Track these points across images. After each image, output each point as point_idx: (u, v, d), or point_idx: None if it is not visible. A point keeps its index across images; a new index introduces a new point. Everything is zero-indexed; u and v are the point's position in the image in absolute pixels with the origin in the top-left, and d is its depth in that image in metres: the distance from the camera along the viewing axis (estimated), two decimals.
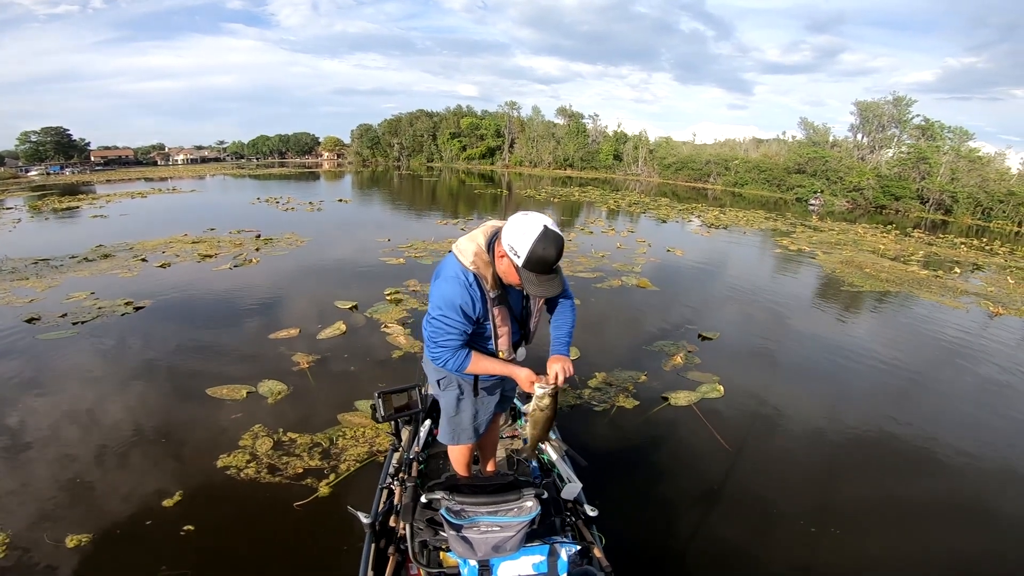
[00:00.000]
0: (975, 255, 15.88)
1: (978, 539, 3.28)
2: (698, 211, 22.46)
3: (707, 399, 4.74)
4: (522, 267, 1.73)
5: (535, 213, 1.77)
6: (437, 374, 2.19)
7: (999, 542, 3.27)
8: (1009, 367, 6.16)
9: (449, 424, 2.28)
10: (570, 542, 1.95)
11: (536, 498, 1.91)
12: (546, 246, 1.69)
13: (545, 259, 1.70)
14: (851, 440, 4.31)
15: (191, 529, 2.92)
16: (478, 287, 1.89)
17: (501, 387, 2.31)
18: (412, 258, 9.95)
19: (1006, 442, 4.45)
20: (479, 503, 1.88)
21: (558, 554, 1.87)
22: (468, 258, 1.88)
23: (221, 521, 3.03)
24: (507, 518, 1.84)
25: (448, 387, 2.20)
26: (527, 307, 2.10)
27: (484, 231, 1.93)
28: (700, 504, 3.39)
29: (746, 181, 41.51)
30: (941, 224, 27.87)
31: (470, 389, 2.19)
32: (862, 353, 6.30)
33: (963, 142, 36.07)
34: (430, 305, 1.94)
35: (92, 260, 9.22)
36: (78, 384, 4.66)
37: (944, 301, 9.15)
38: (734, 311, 7.86)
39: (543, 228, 1.70)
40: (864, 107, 41.26)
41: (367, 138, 69.92)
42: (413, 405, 2.68)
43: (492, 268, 1.88)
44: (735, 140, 54.32)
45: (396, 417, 2.67)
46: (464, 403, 2.21)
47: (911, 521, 3.40)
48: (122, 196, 22.39)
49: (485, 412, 2.28)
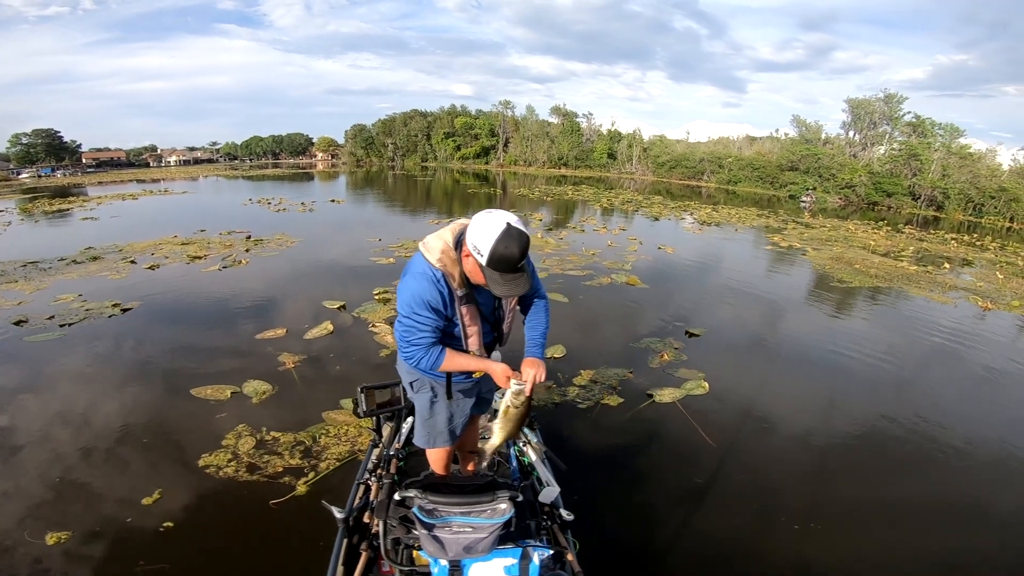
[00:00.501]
0: (965, 251, 15.99)
1: (969, 535, 3.27)
2: (691, 209, 22.53)
3: (692, 396, 4.76)
4: (486, 266, 1.69)
5: (499, 211, 1.73)
6: (410, 376, 2.16)
7: (990, 538, 3.26)
8: (998, 363, 6.21)
9: (424, 427, 2.24)
10: (544, 546, 1.94)
11: (511, 500, 1.89)
12: (508, 244, 1.65)
13: (508, 257, 1.67)
14: (838, 436, 4.33)
15: (170, 526, 2.92)
16: (446, 284, 1.85)
17: (478, 389, 2.26)
18: (402, 258, 9.94)
19: (997, 436, 4.46)
20: (452, 503, 1.86)
21: (530, 558, 1.87)
22: (435, 255, 1.84)
23: (199, 519, 3.03)
24: (480, 519, 1.83)
25: (421, 390, 2.16)
26: (499, 308, 2.05)
27: (452, 229, 1.89)
28: (680, 504, 3.36)
29: (740, 179, 41.64)
30: (933, 220, 28.04)
31: (443, 391, 2.13)
32: (849, 348, 6.33)
33: (954, 139, 36.33)
34: (399, 303, 1.91)
35: (81, 262, 9.19)
36: (63, 385, 4.65)
37: (933, 297, 9.22)
38: (722, 308, 7.89)
39: (506, 226, 1.66)
40: (856, 104, 41.47)
41: (361, 138, 69.71)
42: (396, 402, 2.65)
43: (459, 266, 1.85)
44: (729, 138, 54.56)
45: (378, 413, 2.65)
46: (438, 406, 2.17)
47: (900, 517, 3.39)
48: (113, 198, 22.28)
49: (461, 415, 2.24)
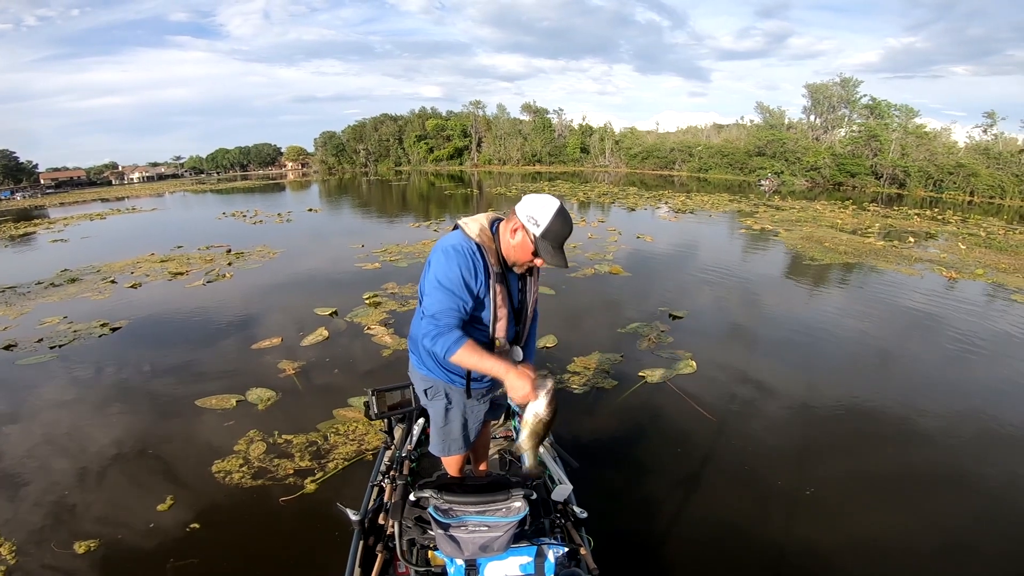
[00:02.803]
0: (928, 225, 16.70)
1: (957, 502, 3.35)
2: (665, 198, 23.02)
3: (681, 375, 4.99)
4: (540, 236, 1.80)
5: (548, 195, 1.87)
6: (424, 383, 2.15)
7: (977, 504, 3.33)
8: (966, 328, 6.52)
9: (439, 435, 2.22)
10: (558, 544, 1.96)
11: (525, 499, 1.90)
12: (564, 219, 1.81)
13: (562, 231, 1.81)
14: (823, 407, 4.54)
15: (196, 527, 3.01)
16: (482, 258, 1.87)
17: (492, 393, 2.23)
18: (388, 262, 10.02)
19: (974, 403, 4.59)
20: (467, 502, 1.87)
21: (545, 556, 1.89)
22: (474, 231, 1.90)
23: (220, 519, 3.12)
24: (495, 518, 1.84)
25: (435, 397, 2.14)
26: (523, 298, 2.07)
27: (486, 216, 1.99)
28: (690, 488, 3.41)
29: (710, 166, 42.52)
30: (896, 197, 29.12)
31: (457, 397, 2.12)
32: (825, 322, 6.68)
33: (910, 119, 37.62)
34: (428, 280, 1.91)
35: (59, 285, 9.03)
36: (62, 405, 4.64)
37: (901, 269, 9.68)
38: (702, 291, 8.18)
39: (560, 204, 1.83)
40: (814, 89, 42.65)
41: (331, 145, 68.90)
42: (406, 403, 2.68)
43: (495, 246, 1.91)
44: (697, 127, 55.77)
45: (389, 415, 2.68)
46: (453, 413, 2.14)
47: (879, 481, 3.61)
48: (80, 219, 21.72)
49: (475, 421, 2.22)
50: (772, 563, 2.86)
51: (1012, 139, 34.49)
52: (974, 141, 35.89)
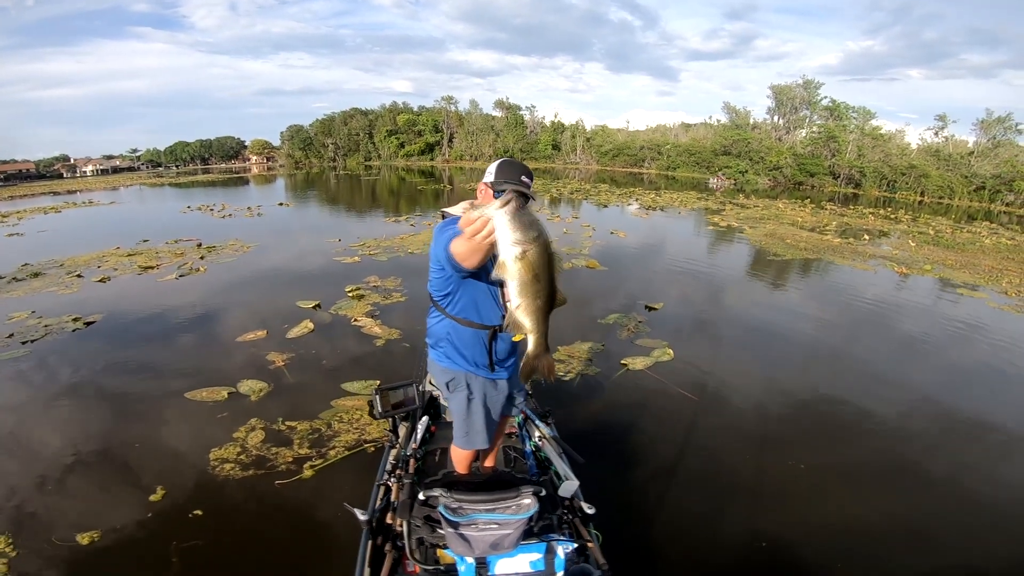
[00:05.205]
0: (882, 223, 17.65)
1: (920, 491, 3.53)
2: (636, 195, 23.54)
3: (660, 362, 5.26)
4: (493, 182, 1.90)
5: None
6: (445, 376, 2.18)
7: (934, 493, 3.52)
8: (916, 320, 7.08)
9: (463, 427, 2.23)
10: (567, 540, 1.96)
11: (534, 496, 1.91)
12: (511, 163, 1.96)
13: (512, 171, 1.91)
14: (791, 389, 4.95)
15: (199, 514, 3.07)
16: None
17: (510, 372, 2.25)
18: (367, 256, 10.01)
19: (927, 392, 5.07)
20: (477, 500, 1.87)
21: (555, 552, 1.91)
22: (457, 210, 2.04)
23: (222, 504, 3.18)
24: (505, 515, 1.86)
25: (457, 389, 2.17)
26: None
27: (469, 201, 2.13)
28: (686, 475, 3.53)
29: (678, 164, 43.56)
30: (852, 197, 30.54)
31: (479, 387, 2.17)
32: (788, 312, 7.12)
33: (866, 121, 39.44)
34: (431, 254, 1.99)
35: (22, 279, 8.68)
36: (40, 401, 4.55)
37: (856, 265, 10.28)
38: (676, 283, 8.54)
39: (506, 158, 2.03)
40: (778, 91, 44.20)
41: (299, 139, 67.21)
42: (410, 402, 2.68)
43: None
44: (666, 125, 57.03)
45: (394, 414, 2.69)
46: (475, 404, 2.19)
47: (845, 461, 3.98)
48: (34, 212, 20.64)
49: (496, 411, 2.26)
50: (777, 547, 2.97)
51: (962, 141, 36.64)
52: (926, 143, 37.94)
